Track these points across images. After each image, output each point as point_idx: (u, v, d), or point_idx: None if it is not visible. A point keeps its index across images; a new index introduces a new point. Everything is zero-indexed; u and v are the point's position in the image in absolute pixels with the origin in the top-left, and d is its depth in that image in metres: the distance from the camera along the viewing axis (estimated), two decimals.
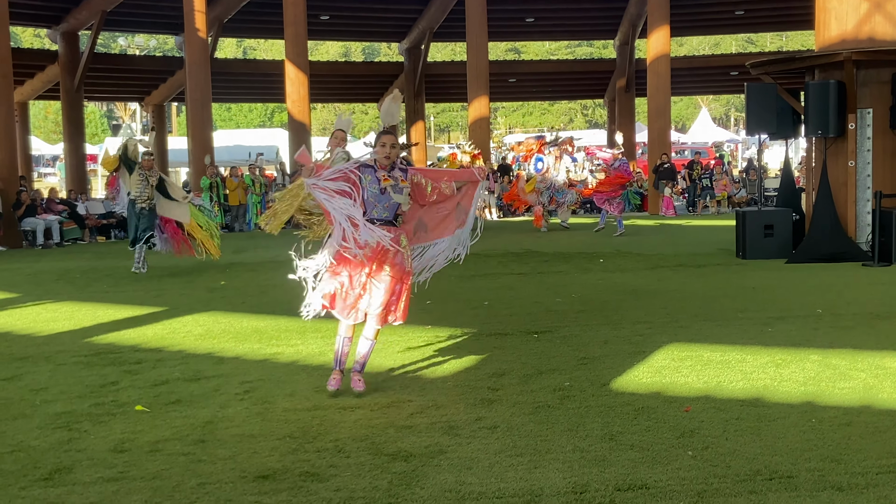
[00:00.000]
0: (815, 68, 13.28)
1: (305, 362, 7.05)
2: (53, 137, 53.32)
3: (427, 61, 32.00)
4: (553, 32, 36.71)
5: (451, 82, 31.81)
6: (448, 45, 54.84)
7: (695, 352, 6.93)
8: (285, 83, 23.71)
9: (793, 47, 53.84)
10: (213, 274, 13.08)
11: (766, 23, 33.90)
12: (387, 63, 38.16)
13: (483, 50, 25.20)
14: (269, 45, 63.16)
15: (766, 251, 12.99)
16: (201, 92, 23.39)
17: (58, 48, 26.93)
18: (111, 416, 5.65)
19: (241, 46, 69.16)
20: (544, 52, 63.24)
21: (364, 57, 66.07)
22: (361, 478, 4.40)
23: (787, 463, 4.41)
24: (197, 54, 23.30)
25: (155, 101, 31.71)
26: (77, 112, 27.48)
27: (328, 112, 70.74)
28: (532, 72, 35.66)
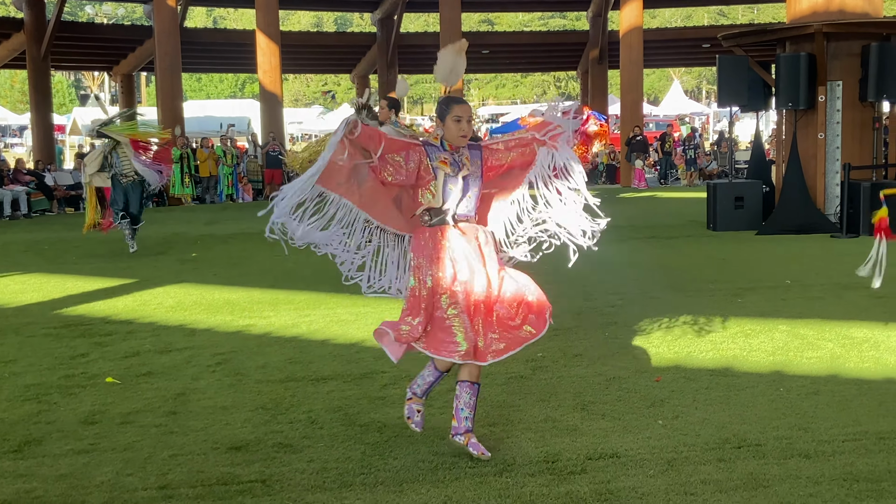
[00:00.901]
0: (786, 41, 13.33)
1: (278, 334, 7.03)
2: (20, 107, 52.56)
3: (400, 32, 31.79)
4: (526, 3, 36.62)
5: (424, 53, 31.59)
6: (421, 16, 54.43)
7: (666, 322, 6.99)
8: (256, 53, 23.48)
9: (764, 20, 53.97)
10: (185, 246, 13.00)
11: None
12: (359, 34, 37.95)
13: (456, 21, 25.04)
14: (240, 15, 62.51)
15: (737, 223, 13.09)
16: (170, 61, 23.12)
17: (23, 16, 26.45)
18: (81, 388, 5.62)
19: (211, 16, 68.36)
20: (517, 24, 63.03)
21: (336, 27, 65.55)
22: (335, 449, 4.41)
23: (755, 431, 4.47)
24: (166, 23, 23.00)
25: (123, 70, 31.30)
26: (44, 81, 27.06)
27: (300, 83, 70.24)
28: (505, 43, 35.53)
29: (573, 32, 39.76)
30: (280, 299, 8.51)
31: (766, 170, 14.28)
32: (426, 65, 35.28)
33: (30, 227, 17.39)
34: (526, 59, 37.01)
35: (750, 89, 13.34)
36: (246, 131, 32.66)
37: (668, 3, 40.13)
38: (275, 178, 23.44)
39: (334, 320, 7.46)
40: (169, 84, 23.51)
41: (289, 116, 41.71)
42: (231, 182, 22.95)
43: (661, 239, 12.45)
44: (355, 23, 63.84)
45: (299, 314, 7.77)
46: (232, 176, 22.91)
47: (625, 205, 18.52)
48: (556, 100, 4.75)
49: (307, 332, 7.08)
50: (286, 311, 7.90)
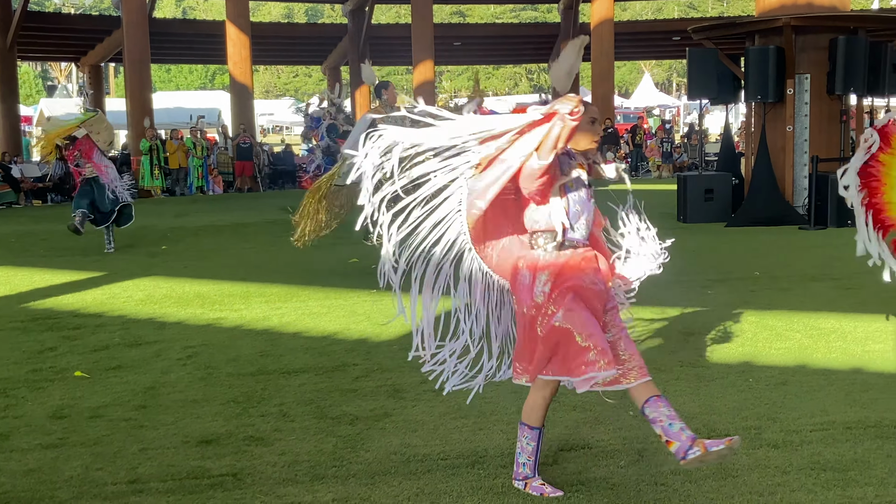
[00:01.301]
0: (755, 34, 13.42)
1: (249, 327, 7.00)
2: None
3: (371, 24, 31.66)
4: None
5: (395, 45, 31.50)
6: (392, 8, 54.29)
7: (636, 314, 6.98)
8: (227, 44, 23.32)
9: (734, 13, 54.37)
10: (155, 238, 12.90)
11: None
12: (330, 25, 37.75)
13: (428, 13, 25.01)
14: (209, 6, 61.96)
15: (707, 215, 13.18)
16: (139, 52, 22.89)
17: None
18: (49, 383, 5.57)
19: (180, 6, 67.73)
20: (489, 16, 62.94)
21: (307, 18, 65.16)
22: (306, 441, 4.40)
23: (724, 422, 4.51)
24: (134, 14, 22.77)
25: (91, 61, 30.95)
26: (10, 72, 26.66)
27: (270, 74, 69.79)
28: (477, 35, 35.50)
29: (545, 24, 39.87)
30: (251, 292, 8.47)
31: (735, 162, 14.39)
32: (398, 56, 35.40)
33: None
34: (498, 51, 37.00)
35: (719, 82, 13.42)
36: (216, 123, 32.43)
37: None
38: (245, 170, 23.31)
39: (306, 313, 7.44)
40: (138, 75, 23.28)
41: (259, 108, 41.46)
42: (201, 174, 22.77)
43: None
44: (326, 14, 63.48)
45: (271, 307, 7.73)
46: (202, 168, 22.73)
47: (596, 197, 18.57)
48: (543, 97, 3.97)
49: (279, 324, 7.05)
50: (257, 304, 7.87)
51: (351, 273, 9.47)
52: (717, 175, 13.97)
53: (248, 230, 13.69)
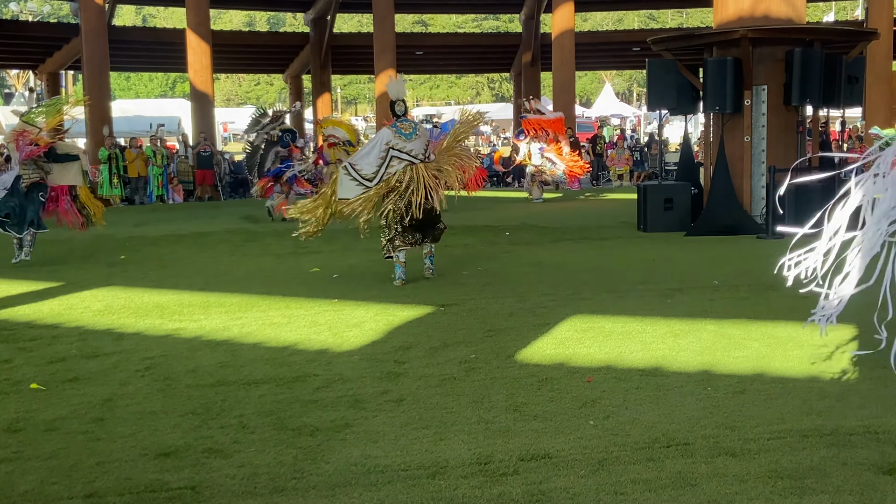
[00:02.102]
0: (713, 45, 13.58)
1: (209, 338, 6.94)
2: None
3: (333, 32, 31.60)
4: (460, 6, 36.65)
5: (358, 54, 31.48)
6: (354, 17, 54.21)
7: (597, 323, 7.07)
8: (187, 52, 23.15)
9: (693, 24, 55.00)
10: (113, 248, 12.75)
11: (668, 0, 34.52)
12: (292, 33, 37.63)
13: (390, 22, 24.99)
14: (170, 13, 61.49)
15: (666, 224, 13.28)
16: (98, 60, 22.67)
17: None
18: (4, 395, 5.48)
19: (140, 14, 67.15)
20: (451, 25, 63.13)
21: (269, 27, 64.92)
22: (266, 453, 4.37)
23: (683, 430, 4.55)
24: (93, 21, 22.56)
25: (49, 68, 30.56)
26: None
27: (231, 82, 69.44)
28: (439, 45, 35.58)
29: (506, 35, 40.02)
30: (211, 302, 8.40)
31: (694, 172, 14.53)
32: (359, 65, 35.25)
33: None
34: (460, 61, 37.13)
35: (678, 93, 13.55)
36: (176, 131, 32.17)
37: (600, 7, 40.59)
38: (206, 179, 23.13)
39: (266, 323, 7.39)
40: (97, 83, 23.03)
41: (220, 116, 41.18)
42: (161, 183, 22.54)
43: (593, 240, 12.58)
44: (288, 22, 63.27)
45: (231, 317, 7.68)
46: (162, 177, 22.51)
47: (557, 206, 18.68)
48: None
49: (239, 335, 7.00)
50: (217, 314, 7.80)
51: (312, 283, 9.43)
52: (677, 185, 14.10)
53: (209, 239, 13.58)
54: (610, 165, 26.47)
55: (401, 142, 8.96)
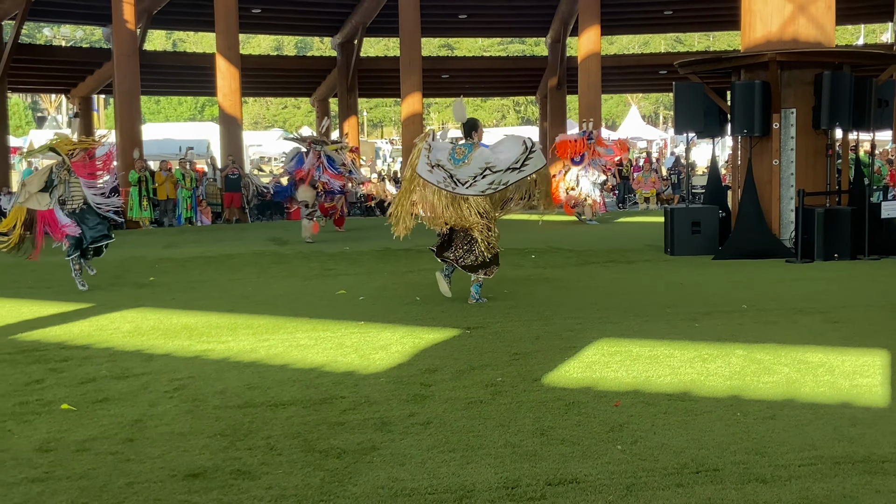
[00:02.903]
0: (741, 68, 13.56)
1: (236, 359, 6.98)
2: None
3: (360, 56, 31.86)
4: (486, 29, 36.82)
5: (384, 77, 31.72)
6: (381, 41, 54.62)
7: (624, 347, 7.04)
8: (216, 76, 23.40)
9: (720, 47, 54.91)
10: (142, 270, 12.87)
11: (694, 23, 34.54)
12: (319, 57, 37.91)
13: (416, 45, 25.18)
14: (200, 38, 62.26)
15: (694, 247, 13.23)
16: (129, 84, 22.96)
17: None
18: (36, 416, 5.53)
19: (170, 38, 68.03)
20: (477, 49, 63.40)
21: (297, 51, 65.50)
22: (293, 475, 4.38)
23: (713, 456, 4.51)
24: (125, 46, 22.86)
25: (81, 93, 31.02)
26: (0, 103, 26.73)
27: (259, 106, 70.05)
28: (465, 68, 35.75)
29: (532, 58, 40.17)
30: (239, 324, 8.45)
31: (722, 195, 14.47)
32: (386, 88, 35.49)
33: None
34: (485, 84, 37.28)
35: (706, 116, 13.53)
36: (205, 154, 32.46)
37: (626, 30, 40.63)
38: (234, 202, 23.32)
39: (293, 345, 7.42)
40: (128, 107, 23.33)
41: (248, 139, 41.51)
42: (190, 205, 22.75)
43: (620, 263, 12.54)
44: (315, 46, 63.84)
45: (258, 339, 7.72)
46: (191, 199, 22.72)
47: (583, 228, 18.65)
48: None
49: (266, 356, 7.03)
50: (245, 336, 7.84)
51: (338, 305, 9.46)
52: (705, 208, 14.04)
53: (236, 261, 13.67)
54: (636, 188, 26.42)
55: (448, 164, 9.03)
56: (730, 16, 25.15)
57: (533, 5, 30.96)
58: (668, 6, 30.16)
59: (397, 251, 14.55)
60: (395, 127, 64.59)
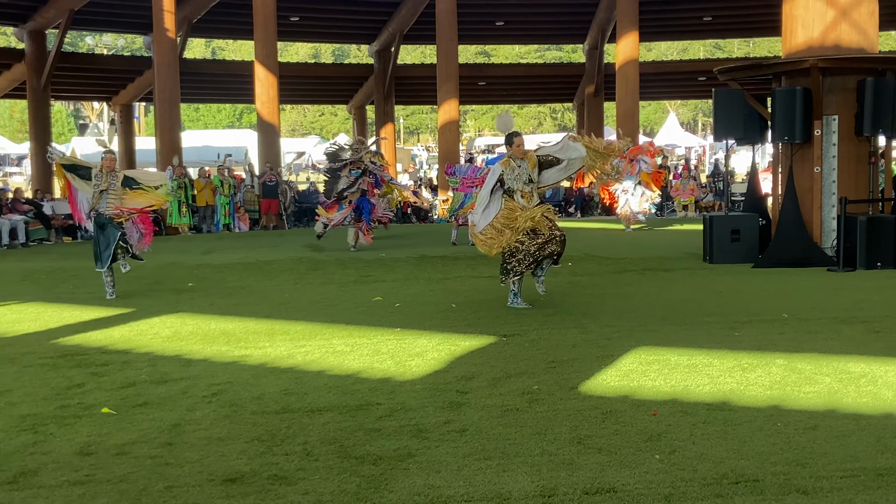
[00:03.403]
0: (781, 75, 13.42)
1: (273, 365, 7.02)
2: (19, 136, 52.71)
3: (397, 63, 31.99)
4: (523, 36, 36.85)
5: (420, 85, 31.84)
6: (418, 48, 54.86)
7: (662, 355, 6.98)
8: (254, 84, 23.60)
9: (760, 53, 54.40)
10: (181, 276, 12.99)
11: (734, 29, 34.25)
12: (357, 65, 38.16)
13: (453, 53, 25.23)
14: (238, 46, 62.86)
15: (733, 256, 13.11)
16: (169, 92, 23.24)
17: (24, 47, 26.60)
18: (77, 419, 5.59)
19: (209, 47, 68.76)
20: (514, 56, 63.44)
21: (334, 59, 65.92)
22: (330, 481, 4.39)
23: (753, 466, 4.46)
24: (165, 54, 23.14)
25: (122, 100, 31.45)
26: (43, 111, 27.16)
27: (297, 113, 70.54)
28: (502, 75, 35.76)
29: (569, 65, 40.06)
30: (276, 329, 8.50)
31: (762, 203, 14.33)
32: (422, 96, 35.68)
33: (27, 256, 17.37)
34: (522, 91, 37.26)
35: (746, 122, 13.41)
36: (243, 161, 32.76)
37: (665, 37, 40.40)
38: (271, 208, 23.48)
39: (330, 351, 7.45)
40: (168, 114, 23.61)
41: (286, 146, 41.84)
42: (228, 212, 22.96)
43: (657, 271, 12.46)
44: (353, 54, 64.25)
45: (295, 345, 7.75)
46: (229, 205, 22.92)
47: (621, 236, 18.55)
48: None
49: (303, 362, 7.07)
50: (282, 342, 7.88)
51: (375, 311, 9.48)
52: (744, 216, 13.91)
53: (274, 268, 13.76)
54: (674, 196, 26.22)
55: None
56: (770, 21, 24.91)
57: (570, 12, 30.90)
58: (708, 12, 29.96)
59: (433, 258, 14.56)
60: (432, 134, 64.76)
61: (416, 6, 29.03)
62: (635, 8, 24.57)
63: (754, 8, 28.92)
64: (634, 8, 24.57)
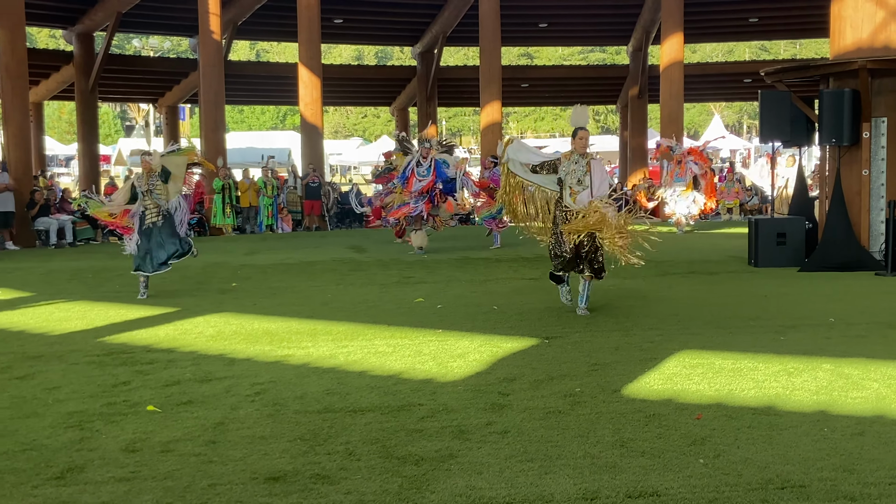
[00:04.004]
0: (829, 76, 13.24)
1: (316, 364, 7.06)
2: (67, 138, 53.60)
3: (440, 65, 32.02)
4: (566, 38, 36.70)
5: (463, 87, 31.81)
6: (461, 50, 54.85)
7: (706, 359, 6.92)
8: (298, 86, 23.75)
9: (807, 55, 53.70)
10: (225, 276, 13.11)
11: (780, 30, 33.80)
12: (399, 67, 38.22)
13: (496, 55, 25.18)
14: (283, 48, 63.37)
15: (779, 259, 12.95)
16: (214, 94, 23.47)
17: (73, 49, 27.03)
18: (123, 416, 5.67)
19: (254, 49, 69.37)
20: (557, 58, 63.23)
21: (377, 60, 66.21)
22: (372, 481, 4.41)
23: (799, 472, 4.40)
24: (211, 56, 23.37)
25: (168, 102, 31.82)
26: (91, 112, 27.58)
27: (340, 115, 70.93)
28: (545, 77, 35.65)
29: (613, 66, 39.83)
30: (318, 330, 8.54)
31: (808, 206, 14.13)
32: (465, 97, 35.54)
33: (74, 255, 17.65)
34: (565, 93, 37.04)
35: (792, 125, 13.24)
36: (286, 163, 32.98)
37: (710, 38, 39.99)
38: (314, 209, 23.63)
39: (372, 352, 7.47)
40: (212, 116, 23.83)
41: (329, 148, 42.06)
42: (271, 213, 23.13)
43: (701, 274, 12.34)
44: (395, 56, 64.44)
45: (337, 345, 7.79)
46: (272, 206, 23.10)
47: (664, 239, 18.38)
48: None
49: (345, 363, 7.10)
50: (324, 342, 7.93)
51: (416, 312, 9.49)
52: (790, 219, 13.73)
53: (316, 268, 13.84)
54: (719, 199, 25.94)
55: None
56: (818, 22, 24.58)
57: (614, 13, 30.71)
58: (754, 13, 29.60)
59: (475, 260, 14.56)
60: (474, 136, 64.75)
61: (460, 8, 29.05)
62: (680, 9, 24.35)
63: (801, 9, 28.53)
64: (679, 9, 24.35)
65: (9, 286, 12.34)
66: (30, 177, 20.34)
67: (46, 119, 37.52)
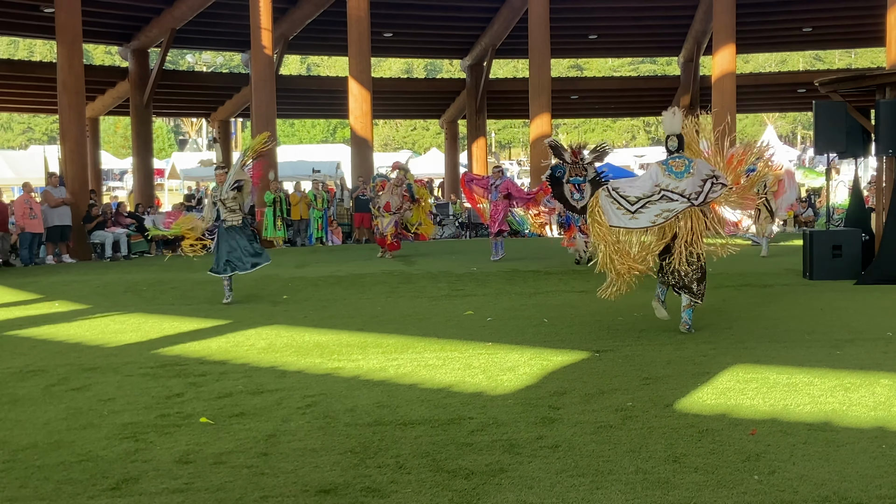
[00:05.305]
0: (886, 86, 13.00)
1: (366, 377, 7.08)
2: (122, 152, 54.57)
3: (489, 78, 32.05)
4: (616, 49, 36.51)
5: (512, 99, 31.80)
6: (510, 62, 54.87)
7: (760, 374, 6.81)
8: (348, 99, 23.93)
9: (862, 64, 52.83)
10: (276, 288, 13.23)
11: (835, 39, 33.31)
12: (449, 79, 38.37)
13: (545, 66, 25.14)
14: (333, 62, 63.95)
15: (835, 272, 12.72)
16: (266, 108, 23.73)
17: (128, 65, 27.56)
18: (176, 428, 5.74)
19: (304, 63, 70.10)
20: (607, 69, 62.97)
21: (426, 73, 66.49)
22: (422, 495, 4.40)
23: (857, 489, 4.31)
24: (262, 71, 23.66)
25: (221, 116, 32.26)
26: (146, 127, 28.05)
27: (389, 128, 71.31)
28: (594, 88, 35.50)
29: (664, 77, 39.52)
30: (369, 342, 8.57)
31: (865, 217, 13.88)
32: (515, 110, 35.42)
33: (129, 268, 17.93)
34: (615, 105, 36.91)
35: (848, 135, 13.03)
36: (335, 175, 33.20)
37: (762, 49, 39.53)
38: (364, 222, 23.74)
39: (422, 364, 7.48)
40: (264, 130, 24.01)
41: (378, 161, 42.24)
42: (321, 225, 23.31)
43: (755, 287, 12.17)
44: (445, 69, 64.66)
45: (387, 358, 7.81)
46: (322, 219, 23.27)
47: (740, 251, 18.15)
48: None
49: (395, 375, 7.11)
50: (375, 355, 7.95)
51: (466, 325, 9.48)
52: (846, 231, 13.49)
53: (366, 281, 13.90)
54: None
55: (671, 181, 8.53)
56: (873, 31, 24.16)
57: (665, 24, 30.51)
58: (808, 23, 29.20)
59: (525, 273, 14.51)
60: (524, 148, 64.68)
61: (509, 20, 29.06)
62: (732, 20, 24.11)
63: (856, 18, 28.08)
64: (732, 20, 24.11)
65: (66, 298, 12.58)
66: (86, 191, 20.73)
67: (102, 134, 38.20)
